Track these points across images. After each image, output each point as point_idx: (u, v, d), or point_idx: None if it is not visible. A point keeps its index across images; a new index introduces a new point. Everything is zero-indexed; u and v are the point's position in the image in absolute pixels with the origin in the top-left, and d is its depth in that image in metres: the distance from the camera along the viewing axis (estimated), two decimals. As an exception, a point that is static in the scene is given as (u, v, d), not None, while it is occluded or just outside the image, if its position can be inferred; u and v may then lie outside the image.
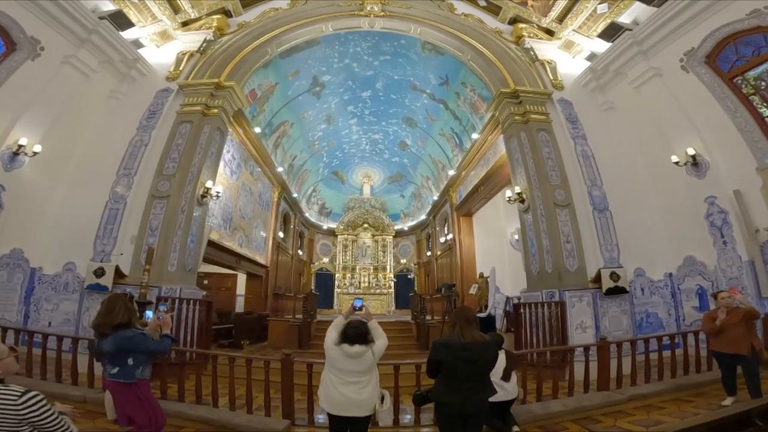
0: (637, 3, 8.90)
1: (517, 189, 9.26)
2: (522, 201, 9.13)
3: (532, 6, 11.11)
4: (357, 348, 3.33)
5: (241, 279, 16.26)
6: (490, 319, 9.05)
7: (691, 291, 7.80)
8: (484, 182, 13.74)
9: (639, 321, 7.78)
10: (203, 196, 8.64)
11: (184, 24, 10.86)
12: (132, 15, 9.62)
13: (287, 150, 16.73)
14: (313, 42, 11.98)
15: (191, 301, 7.22)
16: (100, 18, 8.68)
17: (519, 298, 8.02)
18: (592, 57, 10.55)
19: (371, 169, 23.04)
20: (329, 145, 19.55)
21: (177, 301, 6.95)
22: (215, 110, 9.47)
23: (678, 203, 8.43)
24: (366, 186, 23.55)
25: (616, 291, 7.36)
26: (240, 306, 15.79)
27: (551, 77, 10.64)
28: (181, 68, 10.12)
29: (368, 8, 11.32)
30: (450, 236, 17.06)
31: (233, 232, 12.57)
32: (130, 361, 3.14)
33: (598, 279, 7.59)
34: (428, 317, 10.53)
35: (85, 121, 8.91)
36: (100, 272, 7.09)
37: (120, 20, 9.26)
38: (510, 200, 9.59)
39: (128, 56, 9.36)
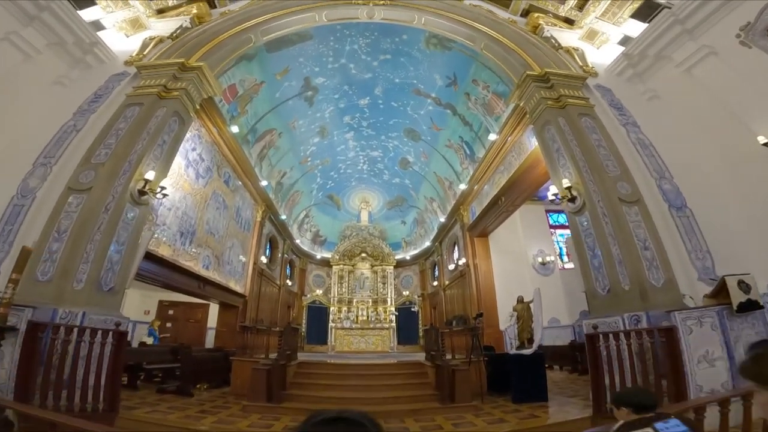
0: None
1: (566, 182, 7.28)
2: (572, 199, 7.13)
3: (546, -7, 9.74)
4: None
5: (214, 310, 14.04)
6: (539, 359, 6.74)
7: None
8: (506, 191, 11.96)
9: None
10: (142, 193, 6.62)
11: (160, 12, 9.37)
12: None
13: (275, 164, 14.90)
14: (305, 36, 10.47)
15: (98, 332, 5.00)
16: None
17: (595, 327, 5.78)
18: (625, 41, 9.13)
19: (369, 192, 21.38)
20: (323, 164, 17.82)
21: (75, 330, 4.73)
22: (175, 93, 7.69)
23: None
24: (364, 212, 21.86)
25: (749, 307, 5.20)
26: (210, 341, 13.72)
27: (581, 63, 9.12)
28: (145, 52, 8.49)
29: (367, -5, 9.84)
30: (462, 261, 15.12)
31: (196, 249, 10.41)
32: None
33: (718, 292, 5.51)
34: (449, 356, 8.22)
35: (16, 107, 7.05)
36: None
37: None
38: (555, 200, 7.59)
39: (84, 39, 7.70)
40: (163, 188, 7.00)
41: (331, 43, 11.01)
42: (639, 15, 8.67)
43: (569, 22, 9.88)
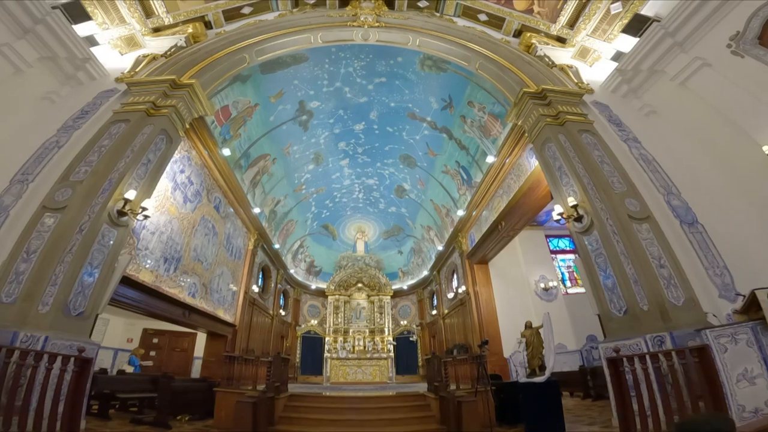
0: None
1: (572, 201, 6.98)
2: (578, 218, 6.81)
3: (538, 13, 9.87)
4: None
5: (202, 339, 13.42)
6: (553, 387, 6.15)
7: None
8: (506, 215, 11.65)
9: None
10: (122, 214, 6.23)
11: (156, 30, 9.33)
12: (98, 15, 8.16)
13: (268, 191, 14.59)
14: (300, 58, 10.46)
15: (57, 358, 4.45)
16: (53, 7, 7.13)
17: (617, 350, 5.32)
18: (618, 57, 9.11)
19: (365, 222, 21.09)
20: (318, 192, 17.55)
21: (31, 354, 4.17)
22: (164, 110, 7.46)
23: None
24: (360, 242, 21.51)
25: (782, 319, 4.82)
26: (197, 371, 13.08)
27: (576, 80, 9.07)
28: (137, 70, 8.33)
29: (362, 18, 9.96)
30: (462, 289, 14.70)
31: (180, 276, 9.86)
32: None
33: (748, 308, 5.16)
34: (453, 387, 7.56)
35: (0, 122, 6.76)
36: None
37: (75, 11, 7.65)
38: (560, 219, 7.25)
39: (77, 54, 7.58)
40: (144, 209, 6.58)
41: (326, 66, 10.97)
42: (629, 30, 8.66)
43: (561, 40, 9.93)
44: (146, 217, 6.76)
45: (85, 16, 7.91)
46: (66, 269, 5.40)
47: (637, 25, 8.42)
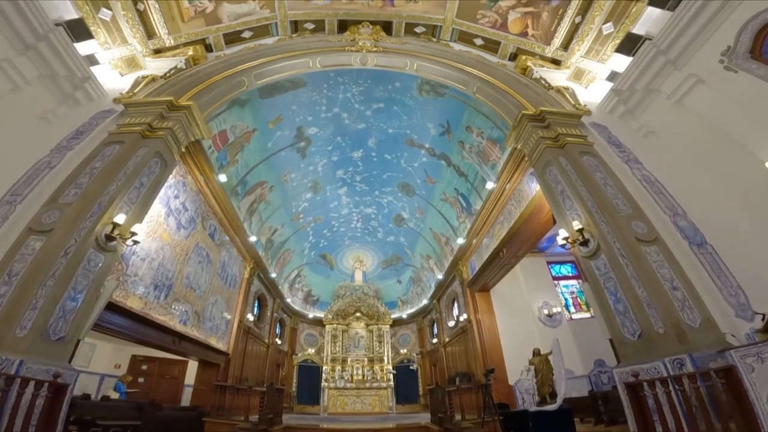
0: (647, 13, 8.16)
1: (577, 225, 6.83)
2: (584, 243, 6.64)
3: (533, 36, 10.01)
4: None
5: (193, 366, 12.89)
6: (566, 414, 5.73)
7: None
8: (507, 243, 11.38)
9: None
10: (110, 239, 6.01)
11: (157, 51, 9.37)
12: (100, 34, 8.20)
13: (265, 220, 14.40)
14: (299, 82, 10.54)
15: (29, 382, 4.13)
16: (57, 24, 7.18)
17: (636, 375, 5.06)
18: (613, 77, 9.14)
19: (363, 252, 20.89)
20: (316, 221, 17.39)
21: (2, 378, 3.84)
22: (160, 132, 7.35)
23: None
24: (358, 272, 21.29)
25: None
26: (188, 399, 12.54)
27: (573, 102, 9.10)
28: (136, 91, 8.28)
29: (360, 43, 10.10)
30: (463, 317, 14.35)
31: (172, 304, 9.49)
32: None
33: None
34: (458, 417, 7.09)
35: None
36: None
37: (77, 29, 7.68)
38: (565, 244, 7.06)
39: (77, 73, 7.53)
40: (134, 234, 6.35)
41: (324, 91, 11.04)
42: (623, 49, 8.76)
43: (556, 62, 10.03)
44: (136, 242, 6.51)
45: (87, 35, 7.92)
46: (47, 293, 5.13)
47: (629, 45, 8.54)
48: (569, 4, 8.90)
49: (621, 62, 8.76)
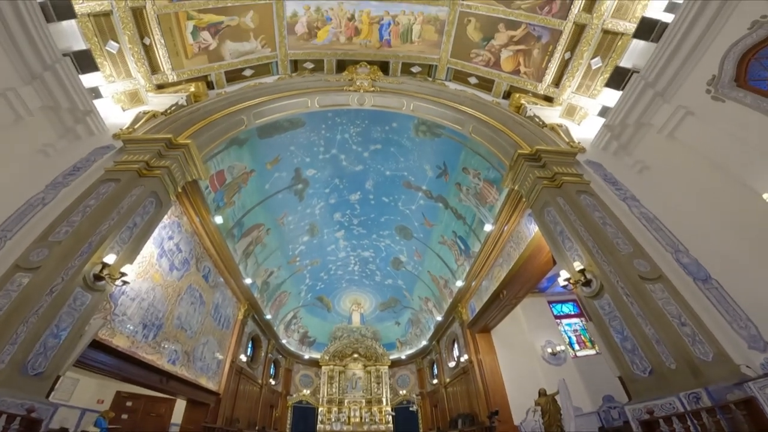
0: (632, 46, 8.56)
1: (578, 265, 6.74)
2: (587, 283, 6.54)
3: (525, 73, 10.37)
4: None
5: (181, 405, 12.28)
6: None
7: None
8: (507, 284, 11.20)
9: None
10: (98, 278, 5.84)
11: (160, 87, 9.56)
12: (106, 67, 8.42)
13: (261, 262, 14.19)
14: (297, 122, 10.75)
15: (2, 416, 4.00)
16: (64, 54, 7.35)
17: (651, 412, 4.85)
18: (605, 112, 9.36)
19: (361, 294, 20.58)
20: (312, 264, 17.17)
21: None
22: (157, 171, 7.36)
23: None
24: (355, 314, 21.01)
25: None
26: None
27: (567, 140, 9.25)
28: (136, 126, 8.34)
29: (358, 83, 10.41)
30: (464, 357, 13.97)
31: (160, 343, 9.13)
32: None
33: None
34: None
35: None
36: None
37: (84, 61, 7.91)
38: (566, 285, 6.94)
39: (80, 106, 7.63)
40: (124, 275, 6.19)
41: (322, 132, 11.22)
42: (612, 83, 9.03)
43: (549, 99, 10.28)
44: (125, 282, 6.33)
45: (93, 67, 8.11)
46: (29, 329, 4.97)
47: (618, 78, 8.83)
48: (558, 40, 9.27)
49: (611, 97, 8.98)
